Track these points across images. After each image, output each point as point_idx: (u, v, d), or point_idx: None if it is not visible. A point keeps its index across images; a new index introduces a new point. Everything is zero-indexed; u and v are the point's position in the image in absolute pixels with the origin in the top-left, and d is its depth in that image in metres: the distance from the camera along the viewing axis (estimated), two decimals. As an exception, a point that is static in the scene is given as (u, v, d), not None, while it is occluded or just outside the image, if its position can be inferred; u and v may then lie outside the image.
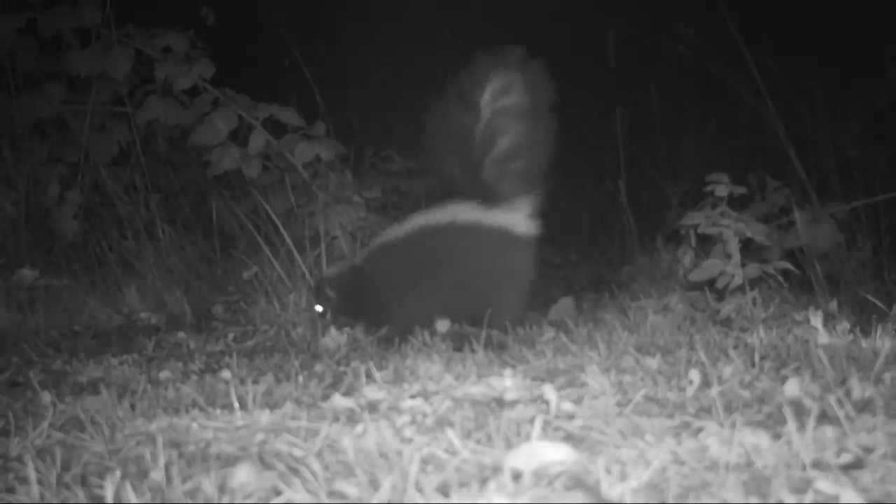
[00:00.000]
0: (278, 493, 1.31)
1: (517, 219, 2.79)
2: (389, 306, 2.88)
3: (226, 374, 2.29)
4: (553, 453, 1.37)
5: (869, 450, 1.38)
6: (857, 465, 1.34)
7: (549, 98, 2.77)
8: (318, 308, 3.05)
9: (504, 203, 2.79)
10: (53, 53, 4.01)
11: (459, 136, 2.77)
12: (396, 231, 2.96)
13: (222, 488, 1.35)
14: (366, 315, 2.98)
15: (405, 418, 1.68)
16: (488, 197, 2.79)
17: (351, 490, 1.30)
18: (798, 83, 4.57)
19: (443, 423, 1.64)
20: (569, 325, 2.84)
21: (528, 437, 1.50)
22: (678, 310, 3.15)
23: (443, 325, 2.91)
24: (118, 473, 1.38)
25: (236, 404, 1.85)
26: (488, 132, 2.76)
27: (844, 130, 4.91)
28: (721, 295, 3.08)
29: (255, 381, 2.11)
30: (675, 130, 5.45)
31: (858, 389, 1.70)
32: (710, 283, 3.11)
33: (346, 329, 2.95)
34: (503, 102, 2.75)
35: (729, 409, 1.64)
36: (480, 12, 5.39)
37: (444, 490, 1.29)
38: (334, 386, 2.07)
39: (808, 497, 1.21)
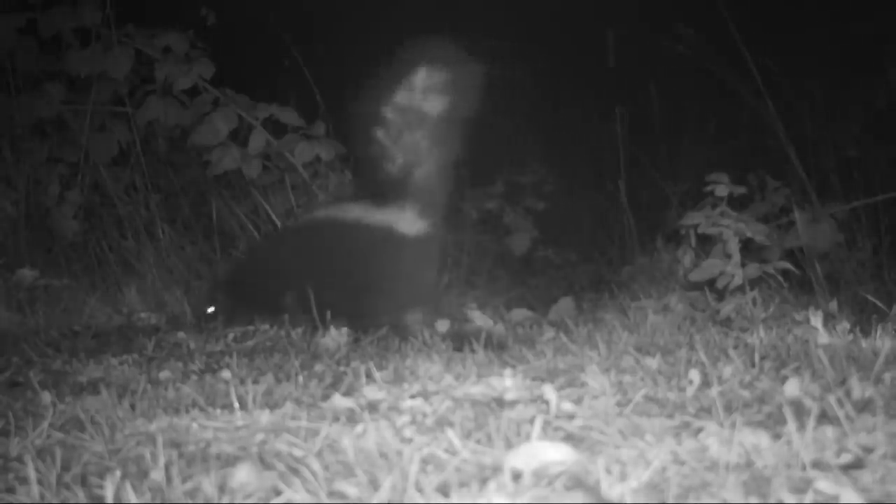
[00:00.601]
0: (278, 493, 1.31)
1: (407, 218, 2.80)
2: (276, 305, 2.90)
3: (226, 374, 2.29)
4: (553, 453, 1.37)
5: (869, 450, 1.38)
6: (857, 465, 1.34)
7: (470, 99, 2.78)
8: (210, 309, 3.04)
9: (398, 202, 2.80)
10: (53, 53, 4.01)
11: (369, 132, 2.80)
12: (281, 232, 3.00)
13: (222, 488, 1.35)
14: (254, 314, 2.99)
15: (405, 418, 1.68)
16: (384, 195, 2.81)
17: (351, 490, 1.30)
18: (798, 83, 4.57)
19: (443, 423, 1.64)
20: (569, 325, 2.84)
21: (528, 437, 1.50)
22: (678, 310, 3.15)
23: (443, 325, 2.92)
24: (118, 473, 1.38)
25: (236, 404, 1.85)
26: (391, 130, 2.78)
27: (844, 130, 4.90)
28: (721, 295, 3.08)
29: (255, 381, 2.11)
30: (675, 130, 5.44)
31: (858, 389, 1.70)
32: (710, 283, 3.11)
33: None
34: (412, 100, 2.77)
35: (729, 409, 1.64)
36: (480, 12, 5.39)
37: (444, 490, 1.29)
38: (334, 386, 2.07)
39: (808, 497, 1.21)
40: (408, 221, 2.80)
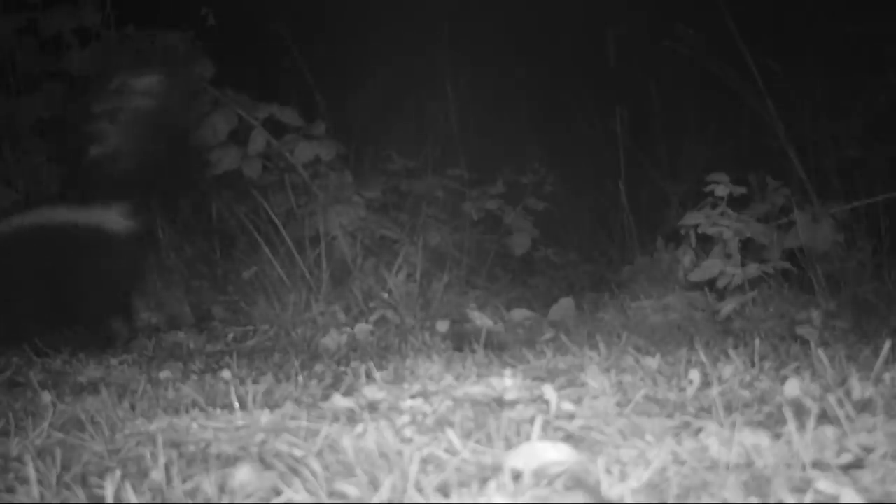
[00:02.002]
0: (278, 493, 1.31)
1: (110, 217, 2.81)
2: None
3: (226, 374, 2.29)
4: (553, 453, 1.37)
5: (869, 450, 1.38)
6: (857, 465, 1.34)
7: (186, 100, 2.81)
8: None
9: (101, 202, 2.81)
10: (53, 53, 4.01)
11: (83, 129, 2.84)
12: None
13: (222, 488, 1.35)
14: None
15: (405, 418, 1.68)
16: (86, 195, 2.81)
17: (351, 490, 1.30)
18: (798, 83, 4.57)
19: (443, 423, 1.64)
20: (569, 325, 2.84)
21: (528, 437, 1.50)
22: (678, 310, 3.15)
23: (443, 325, 2.92)
24: (118, 473, 1.38)
25: (236, 404, 1.85)
26: (99, 129, 2.82)
27: (845, 130, 4.90)
28: (721, 295, 3.08)
29: (255, 381, 2.11)
30: (675, 130, 5.44)
31: (858, 389, 1.70)
32: (710, 283, 3.12)
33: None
34: (122, 100, 2.82)
35: (729, 409, 1.64)
36: (479, 12, 5.38)
37: (444, 490, 1.29)
38: (334, 386, 2.07)
39: (808, 497, 1.21)
40: (109, 219, 2.82)
